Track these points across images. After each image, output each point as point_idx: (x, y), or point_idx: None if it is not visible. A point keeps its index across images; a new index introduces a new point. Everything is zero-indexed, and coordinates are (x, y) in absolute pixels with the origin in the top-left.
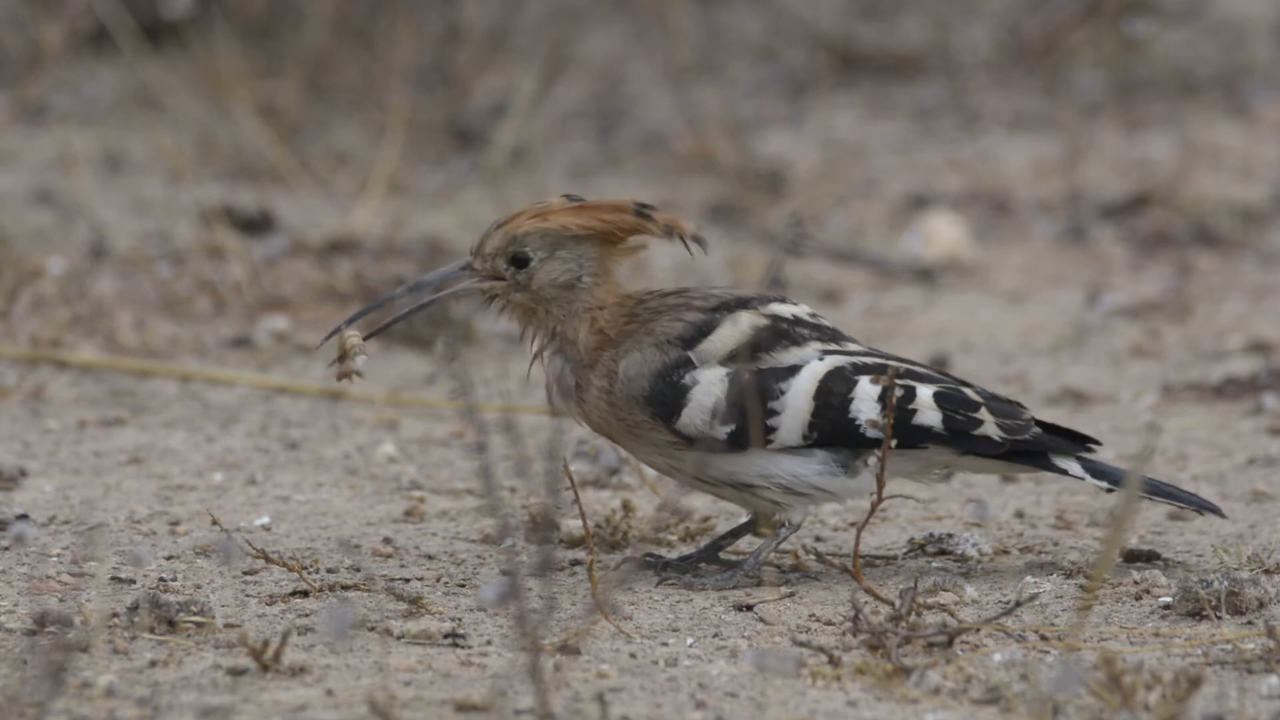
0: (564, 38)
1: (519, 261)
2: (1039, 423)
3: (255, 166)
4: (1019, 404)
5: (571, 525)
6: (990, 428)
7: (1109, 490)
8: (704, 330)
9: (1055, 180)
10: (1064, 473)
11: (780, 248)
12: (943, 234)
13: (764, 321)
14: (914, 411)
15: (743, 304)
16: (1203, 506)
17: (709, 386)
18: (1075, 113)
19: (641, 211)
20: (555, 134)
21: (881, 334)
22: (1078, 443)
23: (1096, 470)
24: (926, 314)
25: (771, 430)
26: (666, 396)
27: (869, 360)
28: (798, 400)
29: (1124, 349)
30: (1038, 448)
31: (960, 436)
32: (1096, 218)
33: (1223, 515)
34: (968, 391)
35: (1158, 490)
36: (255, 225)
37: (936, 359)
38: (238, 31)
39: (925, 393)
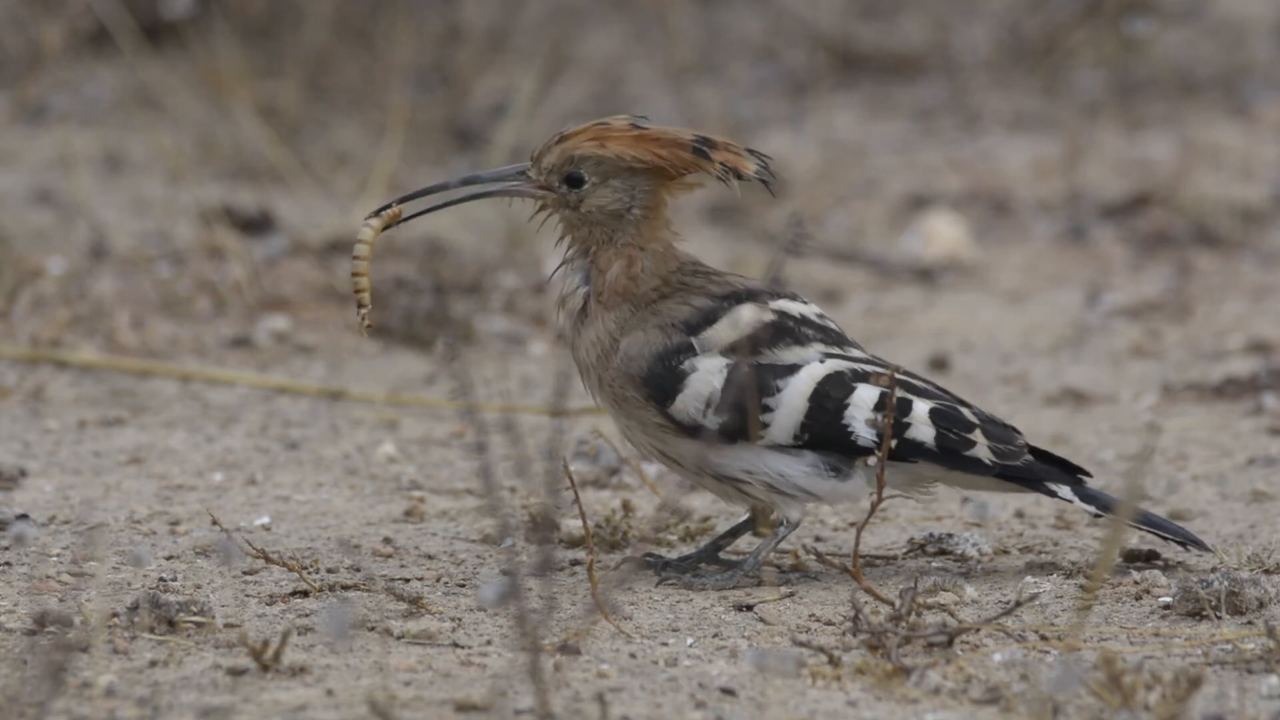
0: (564, 38)
1: (573, 181)
2: (1033, 450)
3: (255, 166)
4: (1015, 429)
5: (571, 525)
6: (982, 450)
7: (1097, 516)
8: (710, 318)
9: (1055, 180)
10: (1053, 495)
11: (780, 248)
12: (943, 234)
13: (770, 317)
14: (908, 426)
15: (753, 296)
16: (1188, 540)
17: (707, 375)
18: (1075, 113)
19: (700, 149)
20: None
21: (881, 334)
22: (1069, 473)
23: (1086, 495)
24: (926, 314)
25: (763, 426)
26: (664, 380)
27: (870, 368)
28: (793, 400)
29: (1124, 349)
30: (1029, 476)
31: (951, 455)
32: (1096, 218)
33: (1207, 549)
34: (965, 411)
35: (1147, 520)
36: (255, 225)
37: (936, 359)
38: (238, 31)
39: (921, 408)
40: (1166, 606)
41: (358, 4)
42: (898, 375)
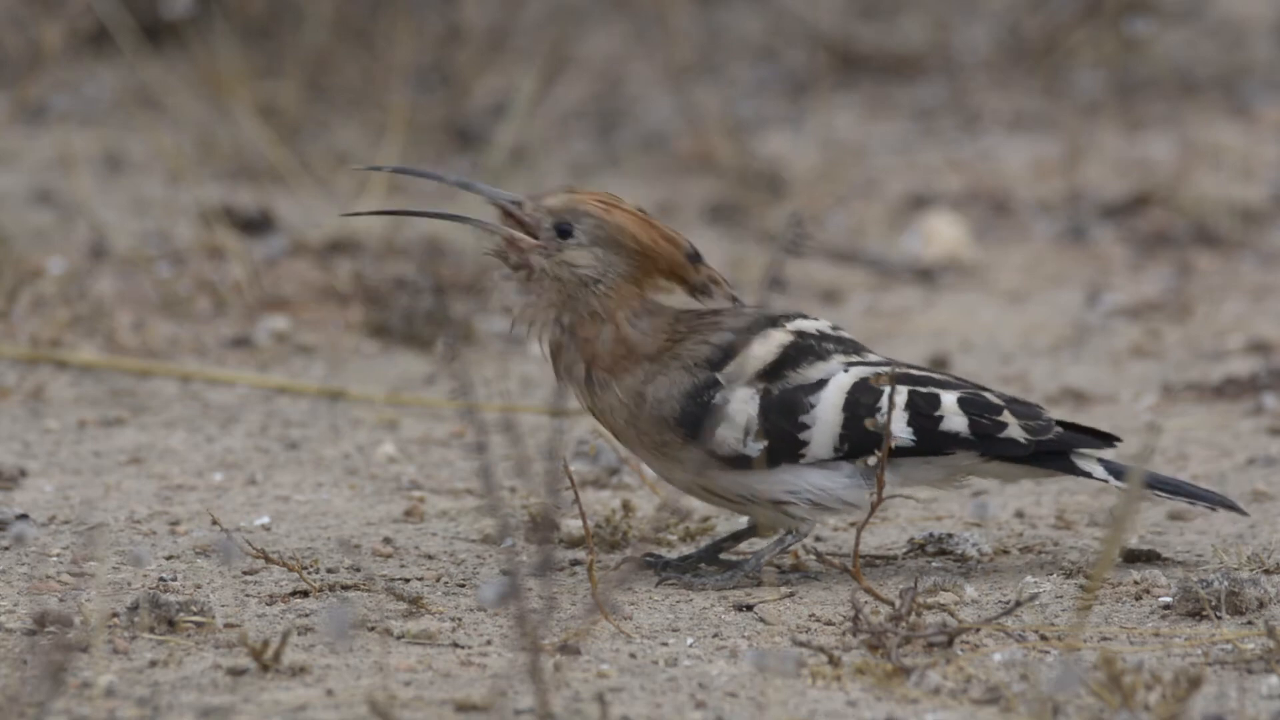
0: (564, 38)
1: (562, 231)
2: (1059, 422)
3: (255, 166)
4: (1038, 405)
5: (571, 525)
6: (1015, 430)
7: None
8: (731, 351)
9: (1055, 180)
10: (1088, 475)
11: (780, 248)
12: (943, 234)
13: (790, 338)
14: (940, 418)
15: (771, 321)
16: (1222, 504)
17: (740, 405)
18: (1075, 113)
19: (694, 256)
20: (555, 134)
21: (881, 334)
22: (1101, 439)
23: (1118, 471)
24: (926, 314)
25: (803, 445)
26: (698, 417)
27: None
28: (827, 414)
29: (1124, 349)
30: (1061, 447)
31: (987, 440)
32: (1096, 218)
33: (1244, 512)
34: (988, 395)
35: (1179, 489)
36: (255, 225)
37: (936, 359)
38: (238, 31)
39: (949, 399)
40: (1166, 606)
41: (358, 4)
42: (915, 372)
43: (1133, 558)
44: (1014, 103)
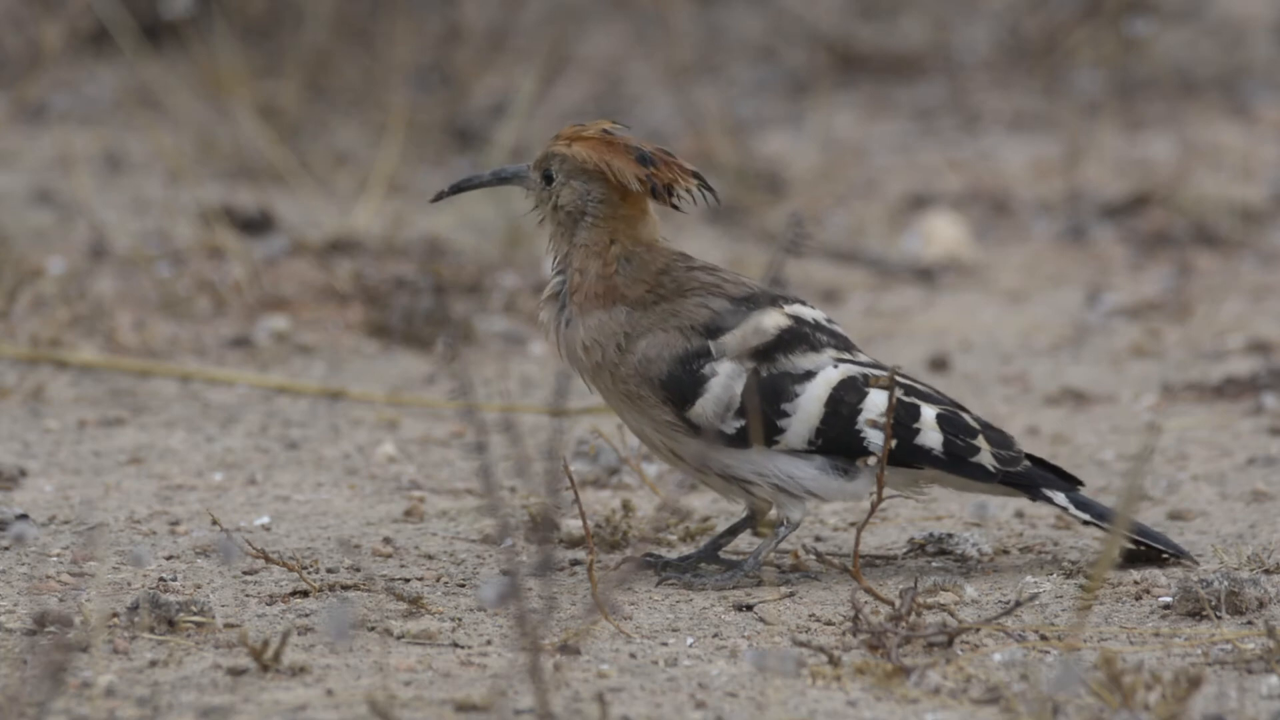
0: (564, 38)
1: (547, 177)
2: (1029, 456)
3: (255, 166)
4: (1009, 435)
5: (571, 525)
6: (986, 456)
7: (1086, 524)
8: (729, 322)
9: (1055, 180)
10: (1049, 501)
11: (780, 248)
12: (943, 234)
13: (788, 322)
14: (917, 431)
15: (771, 301)
16: (1177, 553)
17: (727, 380)
18: (1075, 113)
19: (643, 159)
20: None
21: (881, 334)
22: (1066, 480)
23: (1080, 502)
24: (926, 314)
25: (779, 431)
26: (684, 384)
27: (879, 372)
28: (809, 405)
29: (1124, 349)
30: (1027, 481)
31: (958, 462)
32: (1096, 218)
33: (1194, 561)
34: (966, 416)
35: (1142, 531)
36: (255, 225)
37: (936, 359)
38: (238, 31)
39: (929, 413)
40: (1166, 606)
41: (358, 4)
42: (900, 379)
43: (1133, 558)
44: (1014, 103)
